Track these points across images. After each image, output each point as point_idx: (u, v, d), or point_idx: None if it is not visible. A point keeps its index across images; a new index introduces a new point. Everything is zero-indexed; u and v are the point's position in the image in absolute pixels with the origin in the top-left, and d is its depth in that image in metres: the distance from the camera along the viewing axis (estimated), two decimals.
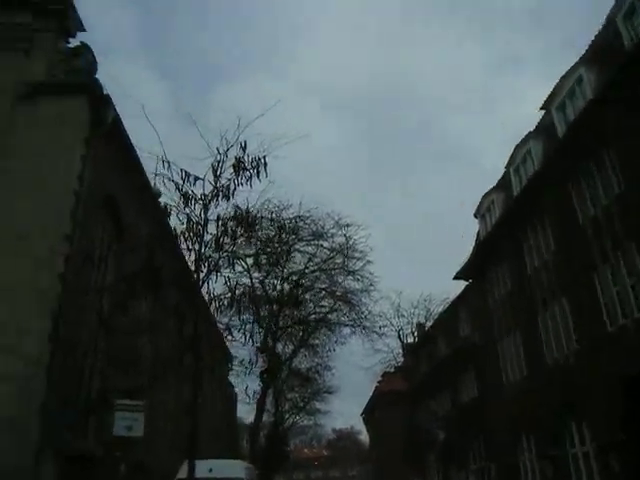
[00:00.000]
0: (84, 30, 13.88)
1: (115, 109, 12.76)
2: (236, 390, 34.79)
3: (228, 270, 10.12)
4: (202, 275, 9.57)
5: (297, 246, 20.30)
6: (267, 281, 20.24)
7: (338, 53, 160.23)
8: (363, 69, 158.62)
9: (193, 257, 9.63)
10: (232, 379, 31.64)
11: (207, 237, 9.55)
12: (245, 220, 9.71)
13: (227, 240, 9.64)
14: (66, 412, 9.82)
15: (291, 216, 12.05)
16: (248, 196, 9.96)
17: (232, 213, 9.72)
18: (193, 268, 9.74)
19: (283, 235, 15.44)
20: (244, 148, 9.54)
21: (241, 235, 9.93)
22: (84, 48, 12.99)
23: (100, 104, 12.50)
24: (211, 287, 9.96)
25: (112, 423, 10.46)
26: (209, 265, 9.61)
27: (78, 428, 12.47)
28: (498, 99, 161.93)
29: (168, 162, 9.31)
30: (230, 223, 9.60)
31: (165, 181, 9.68)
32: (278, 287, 21.31)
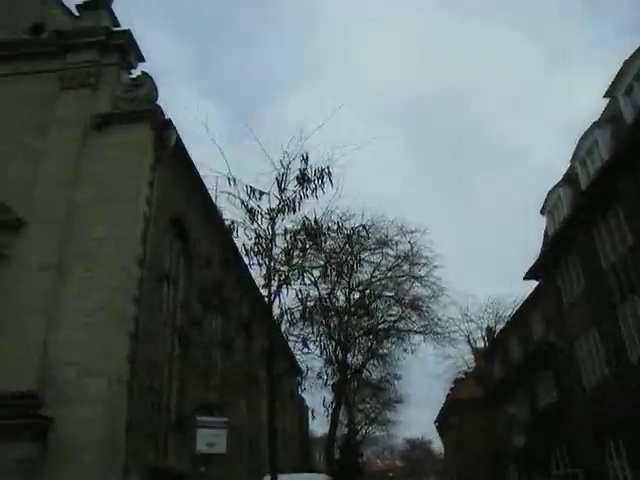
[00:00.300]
0: (144, 60, 14.54)
1: (177, 132, 13.19)
2: (306, 403, 34.87)
3: (298, 282, 10.17)
4: (273, 289, 9.66)
5: (362, 255, 20.26)
6: (334, 292, 20.28)
7: (383, 63, 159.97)
8: (409, 76, 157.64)
9: (263, 272, 9.73)
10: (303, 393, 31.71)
11: (276, 251, 9.65)
12: (314, 231, 9.71)
13: (297, 252, 9.69)
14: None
15: (355, 225, 12.15)
16: (315, 208, 9.96)
17: (300, 225, 9.76)
18: (263, 283, 9.85)
19: (347, 246, 15.38)
20: (306, 160, 9.60)
21: (310, 247, 9.95)
22: (145, 77, 13.55)
23: (163, 129, 13.02)
24: (282, 300, 10.01)
25: (194, 440, 10.61)
26: (279, 279, 9.69)
27: (161, 446, 12.82)
28: (547, 93, 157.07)
29: (234, 179, 9.46)
30: (299, 235, 9.63)
31: (230, 198, 9.84)
32: (345, 298, 21.30)
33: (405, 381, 34.21)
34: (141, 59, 14.48)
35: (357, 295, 21.75)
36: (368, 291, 21.49)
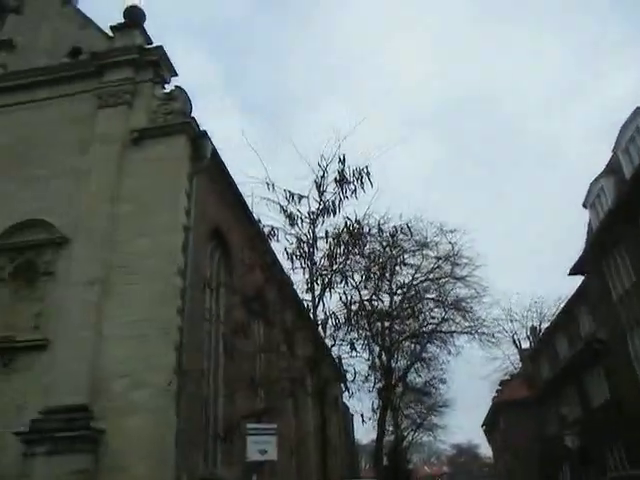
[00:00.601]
0: (176, 75, 14.79)
1: (212, 143, 13.34)
2: (350, 411, 34.62)
3: (342, 285, 10.08)
4: (316, 293, 9.59)
5: (402, 257, 20.00)
6: (378, 295, 20.02)
7: (413, 65, 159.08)
8: (440, 79, 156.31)
9: (305, 276, 9.68)
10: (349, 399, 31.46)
11: (318, 255, 9.60)
12: (356, 231, 9.62)
13: (340, 254, 9.61)
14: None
15: (393, 228, 11.94)
16: (354, 210, 9.88)
17: (341, 227, 9.69)
18: (305, 288, 9.80)
19: (388, 248, 15.23)
20: (343, 161, 9.55)
21: (353, 248, 9.86)
22: (178, 91, 13.76)
23: (199, 140, 13.20)
24: (326, 305, 9.94)
25: (243, 448, 10.60)
26: (323, 282, 9.62)
27: (210, 455, 12.87)
28: (580, 87, 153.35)
29: (272, 184, 9.47)
30: (343, 235, 9.55)
31: (269, 204, 9.85)
32: (388, 301, 21.08)
33: (450, 385, 33.60)
34: (174, 74, 14.73)
35: (399, 298, 21.50)
36: (413, 292, 21.18)
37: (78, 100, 14.24)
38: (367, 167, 9.54)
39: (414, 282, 21.82)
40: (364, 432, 44.80)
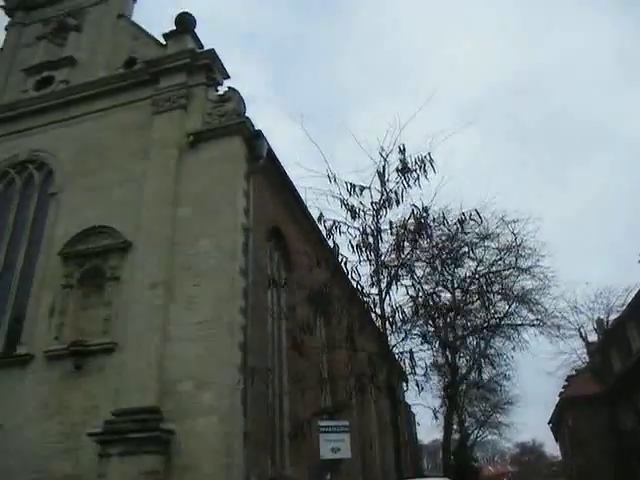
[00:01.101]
0: (228, 77, 14.97)
1: (267, 142, 13.37)
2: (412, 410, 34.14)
3: (408, 278, 9.84)
4: (382, 285, 9.38)
5: (464, 250, 19.50)
6: (444, 287, 19.61)
7: (464, 56, 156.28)
8: (493, 66, 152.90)
9: (369, 270, 9.49)
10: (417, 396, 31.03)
11: (383, 247, 9.40)
12: (423, 219, 9.36)
13: (406, 244, 9.38)
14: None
15: (461, 214, 11.49)
16: (420, 199, 9.61)
17: (407, 216, 9.46)
18: (369, 282, 9.60)
19: (450, 240, 14.85)
20: (403, 151, 9.35)
21: (420, 237, 9.60)
22: (231, 92, 13.85)
23: (254, 140, 13.28)
24: (392, 298, 9.71)
25: (312, 447, 10.51)
26: (389, 274, 9.42)
27: (277, 455, 12.86)
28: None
29: (334, 176, 9.34)
30: (408, 225, 9.33)
31: (328, 199, 9.72)
32: (449, 296, 20.59)
33: (515, 381, 32.55)
34: (226, 76, 14.90)
35: (460, 293, 20.95)
36: (475, 285, 20.57)
37: (135, 108, 14.64)
38: (429, 154, 9.30)
39: (477, 275, 21.21)
40: (425, 432, 44.16)
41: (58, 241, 13.32)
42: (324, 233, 9.91)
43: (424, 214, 9.25)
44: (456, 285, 20.73)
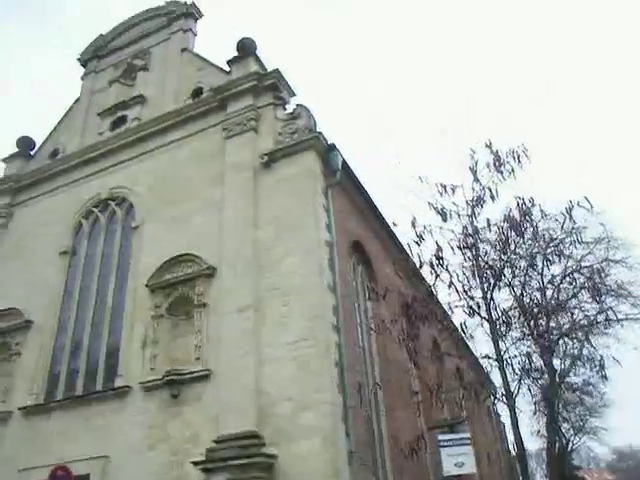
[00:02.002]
0: (295, 95, 15.00)
1: (341, 155, 13.19)
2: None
3: (511, 276, 9.26)
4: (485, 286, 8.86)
5: (550, 250, 18.48)
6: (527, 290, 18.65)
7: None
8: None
9: (465, 275, 9.00)
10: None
11: (482, 247, 8.91)
12: (527, 211, 8.82)
13: (511, 239, 8.85)
14: None
15: (569, 203, 10.79)
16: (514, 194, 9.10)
17: (508, 211, 8.94)
18: (467, 287, 9.08)
19: (533, 241, 14.05)
20: (490, 146, 8.89)
21: (525, 231, 9.04)
22: (300, 109, 13.85)
23: (328, 154, 13.21)
24: (496, 301, 9.15)
25: (416, 465, 10.02)
26: (494, 274, 8.90)
27: (381, 474, 12.43)
28: None
29: (425, 178, 8.98)
30: (514, 213, 8.79)
31: (413, 203, 9.34)
32: (539, 295, 19.53)
33: (611, 383, 30.49)
34: (293, 94, 14.97)
35: (551, 292, 19.83)
36: (566, 283, 19.41)
37: (207, 135, 14.92)
38: (524, 144, 8.79)
39: (566, 273, 20.03)
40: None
41: (144, 273, 13.56)
42: (414, 238, 9.49)
43: (529, 204, 8.71)
44: (550, 282, 19.62)
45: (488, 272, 8.96)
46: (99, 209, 15.97)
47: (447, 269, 8.98)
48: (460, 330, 9.39)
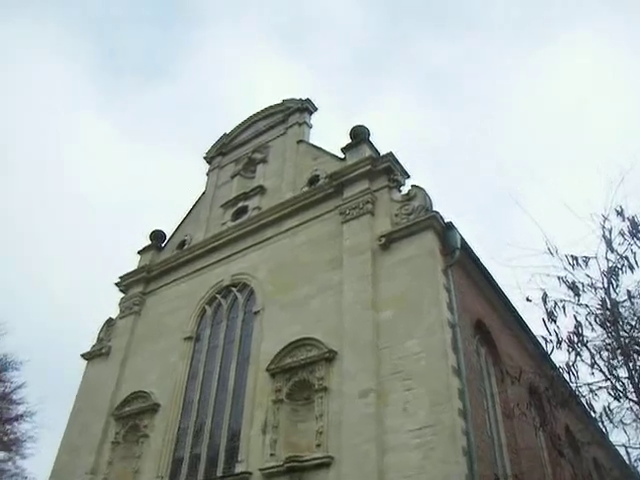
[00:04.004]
0: (409, 176, 15.19)
1: (460, 233, 13.01)
2: None
3: None
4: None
5: None
6: None
7: None
8: None
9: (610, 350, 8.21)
10: None
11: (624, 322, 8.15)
12: None
13: None
14: None
15: None
16: None
17: None
18: (616, 363, 8.25)
19: None
20: (621, 213, 8.34)
21: None
22: (416, 189, 14.01)
23: (446, 233, 13.10)
24: None
25: None
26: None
27: None
28: None
29: (555, 250, 8.50)
30: None
31: (542, 277, 8.83)
32: None
33: None
34: (407, 175, 15.25)
35: None
36: None
37: (324, 220, 15.40)
38: None
39: None
40: None
41: (265, 357, 13.72)
42: (544, 315, 8.88)
43: None
44: None
45: (635, 349, 8.11)
46: (222, 295, 16.65)
47: (586, 346, 8.25)
48: (604, 415, 8.47)
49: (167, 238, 20.75)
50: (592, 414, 9.06)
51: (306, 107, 19.73)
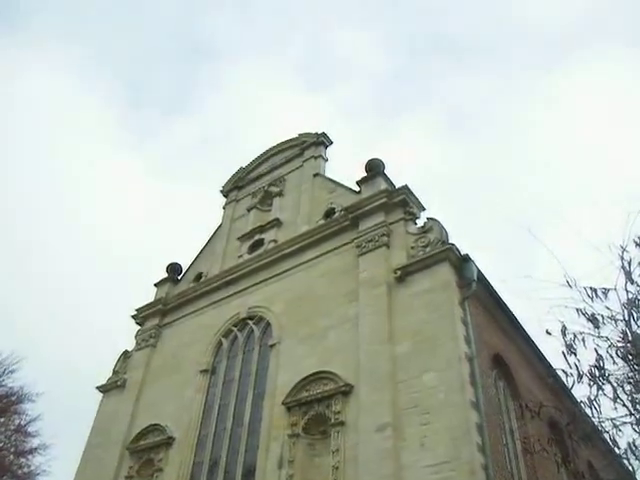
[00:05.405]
0: (424, 209, 15.23)
1: (476, 265, 12.99)
2: None
3: None
4: None
5: None
6: None
7: None
8: None
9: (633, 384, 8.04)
10: None
11: None
12: None
13: None
14: None
15: None
16: None
17: None
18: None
19: None
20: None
21: None
22: (431, 222, 14.06)
23: (462, 265, 13.07)
24: None
25: None
26: None
27: None
28: None
29: (574, 282, 8.41)
30: None
31: (562, 311, 8.71)
32: None
33: None
34: (422, 208, 15.32)
35: None
36: None
37: (340, 253, 15.44)
38: None
39: None
40: None
41: (281, 390, 13.63)
42: (564, 349, 8.74)
43: None
44: None
45: None
46: (238, 328, 16.65)
47: (608, 380, 8.08)
48: (629, 452, 8.24)
49: (183, 271, 20.88)
50: (616, 450, 8.83)
51: (322, 141, 20.01)
